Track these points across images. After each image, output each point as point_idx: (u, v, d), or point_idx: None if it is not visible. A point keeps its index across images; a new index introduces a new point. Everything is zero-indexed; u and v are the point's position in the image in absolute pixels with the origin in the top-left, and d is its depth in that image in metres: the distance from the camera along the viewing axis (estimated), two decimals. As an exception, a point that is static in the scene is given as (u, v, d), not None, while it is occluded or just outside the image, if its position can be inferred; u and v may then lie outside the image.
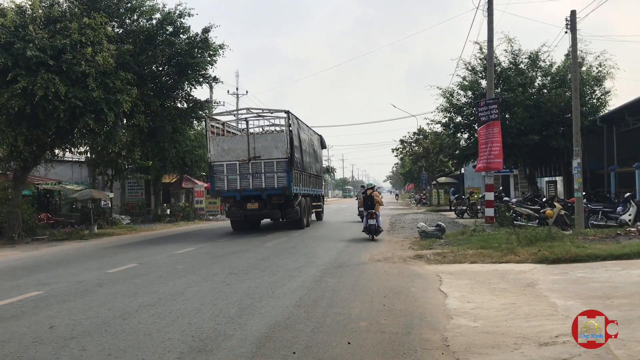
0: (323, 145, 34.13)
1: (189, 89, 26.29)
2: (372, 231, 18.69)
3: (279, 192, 22.68)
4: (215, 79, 27.42)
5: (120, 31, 24.01)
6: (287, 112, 24.04)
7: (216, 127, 25.55)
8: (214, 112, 29.68)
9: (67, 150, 25.99)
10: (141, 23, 24.31)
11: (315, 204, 30.02)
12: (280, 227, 25.32)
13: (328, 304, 8.42)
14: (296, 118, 25.19)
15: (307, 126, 28.79)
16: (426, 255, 13.81)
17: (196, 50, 24.39)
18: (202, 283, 10.52)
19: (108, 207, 32.33)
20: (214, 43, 24.92)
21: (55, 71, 19.53)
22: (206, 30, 24.71)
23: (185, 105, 27.12)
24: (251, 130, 26.15)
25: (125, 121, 23.37)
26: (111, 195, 32.53)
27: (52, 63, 19.40)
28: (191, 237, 23.05)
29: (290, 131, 23.77)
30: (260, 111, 27.06)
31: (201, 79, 26.06)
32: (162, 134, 26.14)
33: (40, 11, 20.60)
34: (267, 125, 29.22)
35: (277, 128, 27.94)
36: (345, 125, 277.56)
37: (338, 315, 7.63)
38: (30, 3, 20.82)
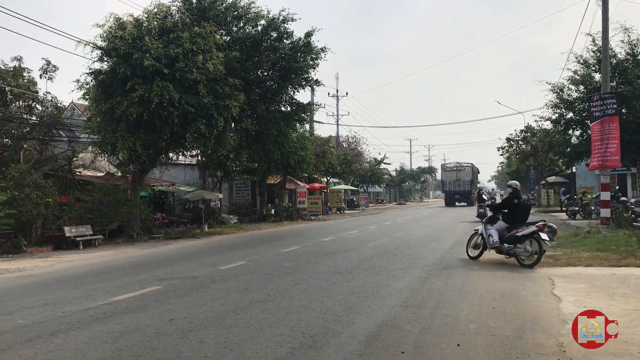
0: (478, 171, 73.04)
1: (292, 92, 27.01)
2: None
3: (466, 192, 55.25)
4: (317, 82, 27.88)
5: (228, 39, 25.06)
6: (471, 164, 66.34)
7: (447, 166, 67.39)
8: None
9: (180, 153, 27.45)
10: (247, 30, 25.26)
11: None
12: (385, 230, 25.24)
13: (435, 305, 8.32)
14: (471, 164, 66.10)
15: (472, 164, 67.38)
16: (537, 258, 13.21)
17: (299, 54, 25.00)
18: (309, 281, 10.76)
19: (217, 207, 33.78)
20: (316, 47, 25.42)
21: (169, 79, 20.72)
22: (309, 35, 25.23)
23: (289, 108, 27.82)
24: (455, 167, 65.86)
25: (233, 125, 24.32)
26: (220, 196, 33.99)
27: (166, 71, 20.61)
28: (295, 236, 23.59)
29: (471, 167, 63.86)
30: (459, 164, 65.92)
31: (304, 83, 26.69)
32: (268, 137, 27.01)
33: (155, 23, 21.96)
34: (463, 164, 66.57)
35: (466, 166, 65.61)
36: (446, 124, 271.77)
37: (446, 317, 7.52)
38: (146, 16, 22.24)
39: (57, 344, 6.57)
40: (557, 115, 26.55)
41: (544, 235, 12.29)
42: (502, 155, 59.84)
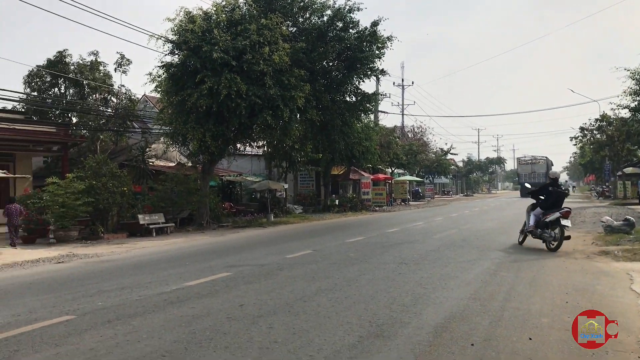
0: (552, 164, 71.94)
1: (357, 82, 26.96)
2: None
3: (540, 184, 48.52)
4: (382, 72, 27.71)
5: (294, 30, 25.27)
6: (546, 157, 68.71)
7: (522, 159, 70.19)
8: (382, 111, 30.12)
9: (247, 144, 27.97)
10: (313, 21, 25.38)
11: None
12: (457, 222, 24.84)
13: (505, 298, 8.14)
14: (546, 157, 68.83)
15: (547, 157, 69.81)
16: (613, 252, 12.70)
17: (365, 44, 24.93)
18: (375, 271, 10.75)
19: (283, 197, 34.27)
20: (382, 36, 25.23)
21: (237, 71, 21.12)
22: (375, 24, 25.10)
23: (354, 98, 27.79)
24: (530, 161, 68.53)
25: (298, 116, 24.55)
26: (285, 186, 34.44)
27: (234, 64, 21.02)
28: (359, 227, 23.60)
29: (545, 160, 66.46)
30: (534, 158, 68.47)
31: (369, 72, 26.60)
32: (332, 128, 27.13)
33: (223, 15, 22.41)
34: (538, 157, 69.07)
35: (540, 160, 67.99)
36: (516, 114, 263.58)
37: (517, 310, 7.35)
38: (214, 9, 22.72)
39: (134, 325, 6.87)
40: (636, 102, 25.28)
41: (565, 222, 13.11)
42: (575, 145, 57.54)
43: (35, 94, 28.39)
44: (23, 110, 28.33)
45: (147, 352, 5.74)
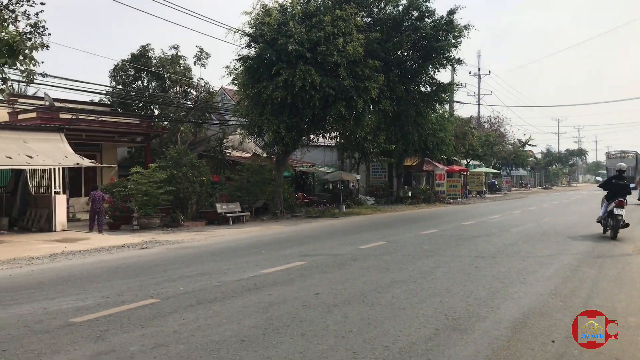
0: None
1: (432, 72, 26.55)
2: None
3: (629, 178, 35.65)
4: (458, 61, 27.10)
5: (369, 20, 25.17)
6: (635, 152, 62.30)
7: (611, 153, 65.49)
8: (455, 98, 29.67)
9: (320, 135, 28.17)
10: (388, 10, 25.19)
11: None
12: (524, 215, 24.08)
13: (588, 294, 7.84)
14: (636, 152, 62.17)
15: (637, 152, 64.19)
16: None
17: (441, 33, 24.47)
18: (450, 264, 10.62)
19: (355, 189, 34.32)
20: (459, 24, 24.68)
21: (312, 63, 21.27)
22: (451, 12, 24.61)
23: (429, 88, 27.39)
24: (619, 155, 62.15)
25: (372, 107, 24.46)
26: (358, 177, 34.46)
27: (308, 55, 21.19)
28: (433, 219, 23.30)
29: (635, 155, 59.89)
30: (623, 152, 63.49)
31: (445, 62, 26.13)
32: (406, 118, 26.85)
33: (298, 8, 22.62)
34: (627, 151, 64.44)
35: (629, 154, 62.69)
36: (598, 103, 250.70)
37: (600, 307, 7.03)
38: (290, 1, 22.96)
39: (214, 310, 7.13)
40: None
41: (617, 211, 14.04)
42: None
43: (120, 87, 29.79)
44: (109, 102, 29.81)
45: (227, 336, 5.95)
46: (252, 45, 23.07)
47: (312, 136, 28.47)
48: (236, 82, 24.26)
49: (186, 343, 5.72)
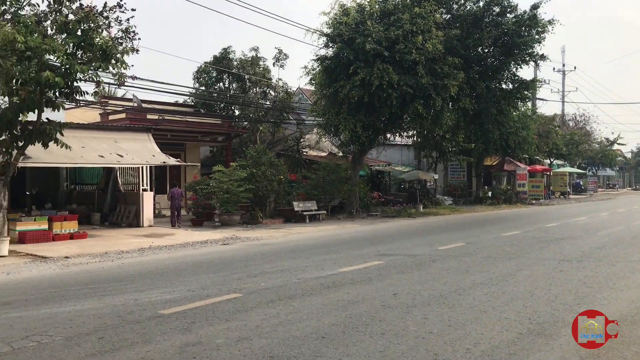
0: None
1: (514, 69, 25.79)
2: None
3: None
4: (542, 57, 26.07)
5: (448, 17, 24.77)
6: None
7: None
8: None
9: (397, 134, 27.98)
10: (468, 7, 24.70)
11: None
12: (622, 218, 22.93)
13: (686, 303, 7.38)
14: None
15: None
16: None
17: (523, 28, 23.71)
18: (533, 267, 10.28)
19: (432, 188, 33.83)
20: (543, 19, 23.83)
21: (389, 61, 21.16)
22: (535, 7, 23.82)
23: (510, 85, 26.61)
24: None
25: (451, 105, 24.05)
26: (435, 176, 33.96)
27: (386, 54, 21.09)
28: (515, 220, 22.61)
29: None
30: None
31: (527, 58, 25.32)
32: (487, 116, 26.20)
33: (376, 7, 22.56)
34: None
35: None
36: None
37: (701, 318, 6.63)
38: (368, 0, 22.94)
39: (294, 307, 7.27)
40: None
41: None
42: None
43: (203, 88, 30.84)
44: (193, 104, 30.94)
45: (308, 332, 6.06)
46: (330, 45, 23.23)
47: (388, 135, 28.32)
48: (313, 82, 24.54)
49: (268, 338, 5.87)
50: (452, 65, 22.00)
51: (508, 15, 24.30)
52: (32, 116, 13.32)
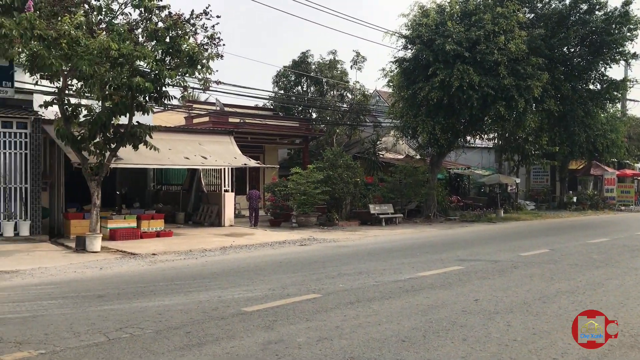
0: None
1: (603, 69, 24.64)
2: None
3: None
4: (634, 56, 24.77)
5: (532, 16, 24.07)
6: None
7: None
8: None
9: (477, 136, 27.38)
10: (553, 5, 23.88)
11: None
12: None
13: None
14: None
15: None
16: None
17: (614, 26, 22.59)
18: (624, 276, 9.78)
19: (514, 193, 32.78)
20: (636, 16, 22.64)
21: (470, 62, 20.76)
22: (627, 3, 22.63)
23: (599, 86, 25.43)
24: None
25: (534, 106, 23.29)
26: (517, 180, 32.89)
27: (467, 55, 20.71)
28: (602, 227, 21.56)
29: None
30: None
31: (618, 57, 24.15)
32: (572, 118, 25.22)
33: (457, 7, 22.20)
34: None
35: None
36: None
37: None
38: (448, 1, 22.61)
39: (373, 309, 7.29)
40: None
41: None
42: None
43: (282, 92, 31.44)
44: (272, 107, 31.61)
45: (388, 335, 6.06)
46: (409, 46, 23.11)
47: (468, 137, 27.76)
48: (391, 84, 24.51)
49: (348, 339, 5.92)
50: (535, 66, 21.32)
51: (597, 12, 23.26)
52: (123, 120, 14.09)
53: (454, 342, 5.83)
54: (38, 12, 12.00)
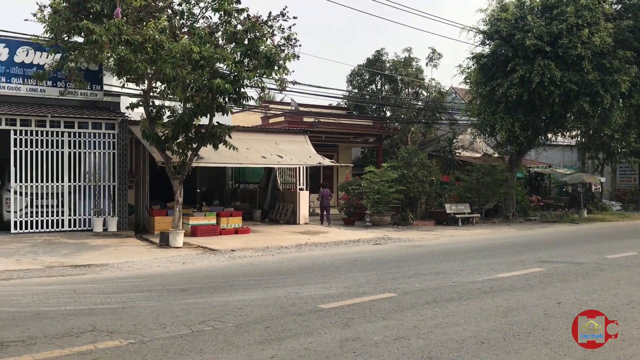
0: None
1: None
2: None
3: None
4: None
5: (619, 7, 22.86)
6: None
7: None
8: None
9: (559, 134, 26.38)
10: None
11: None
12: None
13: None
14: None
15: None
16: None
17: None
18: None
19: (598, 192, 31.31)
20: None
21: (551, 57, 20.03)
22: None
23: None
24: None
25: (621, 102, 22.12)
26: (602, 179, 31.38)
27: (548, 49, 20.00)
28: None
29: None
30: None
31: None
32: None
33: (537, 0, 21.47)
34: None
35: None
36: None
37: None
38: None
39: (451, 310, 7.20)
40: None
41: None
42: None
43: (356, 91, 31.48)
44: (346, 106, 31.73)
45: (466, 336, 5.98)
46: (486, 42, 22.59)
47: (549, 135, 26.77)
48: (468, 80, 24.04)
49: (426, 339, 5.89)
50: (623, 59, 20.29)
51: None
52: (204, 120, 14.60)
53: (535, 345, 5.68)
54: (125, 18, 12.63)
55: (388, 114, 31.35)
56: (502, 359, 5.28)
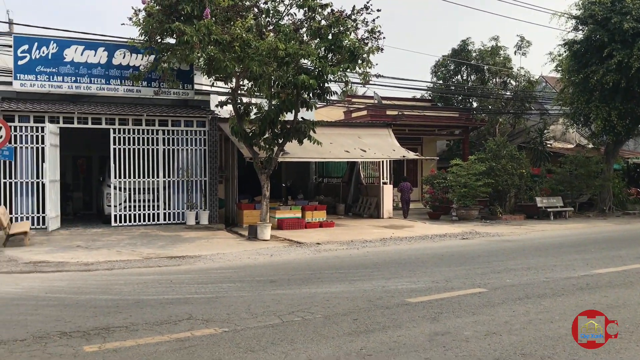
0: None
1: None
2: None
3: None
4: None
5: None
6: None
7: None
8: None
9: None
10: None
11: None
12: None
13: None
14: None
15: None
16: None
17: None
18: None
19: None
20: None
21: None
22: None
23: None
24: None
25: None
26: None
27: (649, 32, 18.77)
28: None
29: None
30: None
31: None
32: None
33: (636, -20, 20.17)
34: None
35: None
36: None
37: None
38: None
39: (544, 306, 6.96)
40: None
41: None
42: None
43: (441, 82, 30.89)
44: (430, 98, 31.22)
45: (562, 333, 5.76)
46: (579, 27, 21.49)
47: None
48: (560, 68, 23.05)
49: (518, 335, 5.73)
50: None
51: None
52: (289, 116, 14.86)
53: (639, 345, 5.38)
54: (214, 18, 13.07)
55: (474, 105, 30.53)
56: (602, 358, 5.05)
